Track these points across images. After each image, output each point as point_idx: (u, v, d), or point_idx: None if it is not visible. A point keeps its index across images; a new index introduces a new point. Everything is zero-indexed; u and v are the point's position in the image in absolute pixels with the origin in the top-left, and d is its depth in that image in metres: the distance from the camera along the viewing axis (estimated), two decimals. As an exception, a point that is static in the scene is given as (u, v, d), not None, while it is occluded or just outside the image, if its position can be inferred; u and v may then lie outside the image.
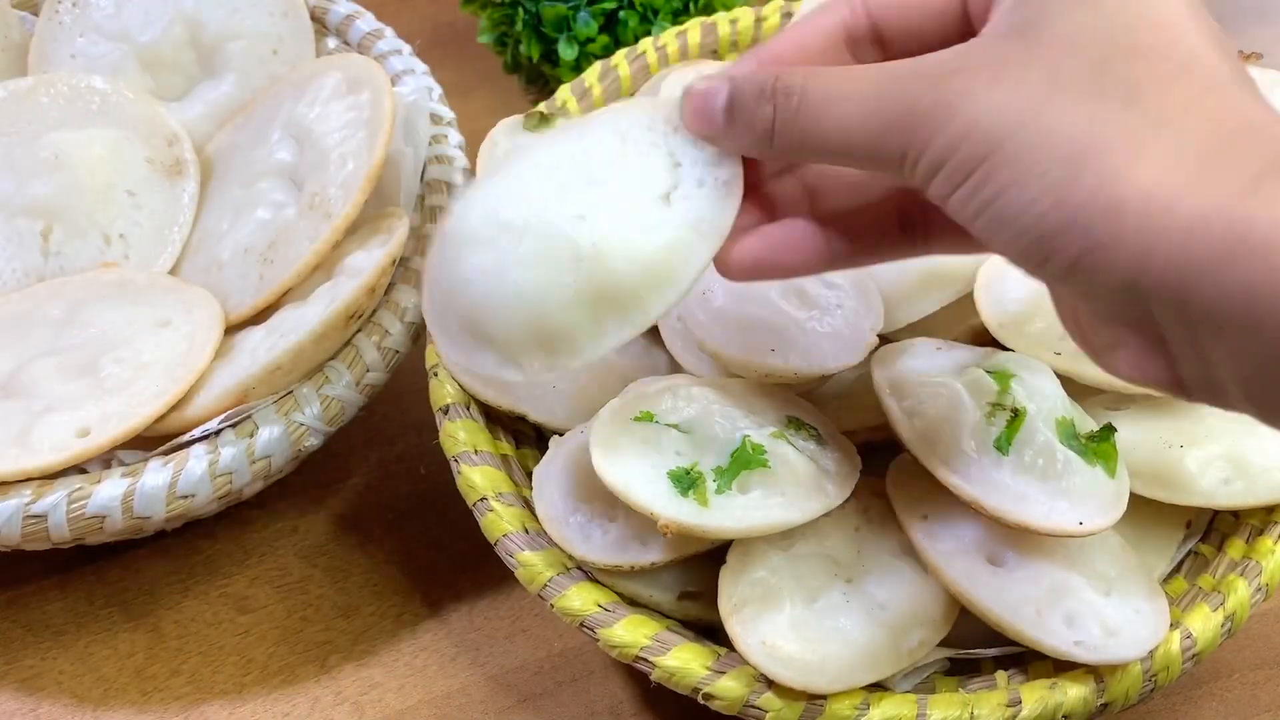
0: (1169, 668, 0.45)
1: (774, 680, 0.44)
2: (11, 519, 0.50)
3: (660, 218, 0.37)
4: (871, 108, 0.33)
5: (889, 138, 0.33)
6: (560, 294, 0.37)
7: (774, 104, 0.35)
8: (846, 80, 0.34)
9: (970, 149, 0.31)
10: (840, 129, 0.34)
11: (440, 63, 0.68)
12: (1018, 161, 0.31)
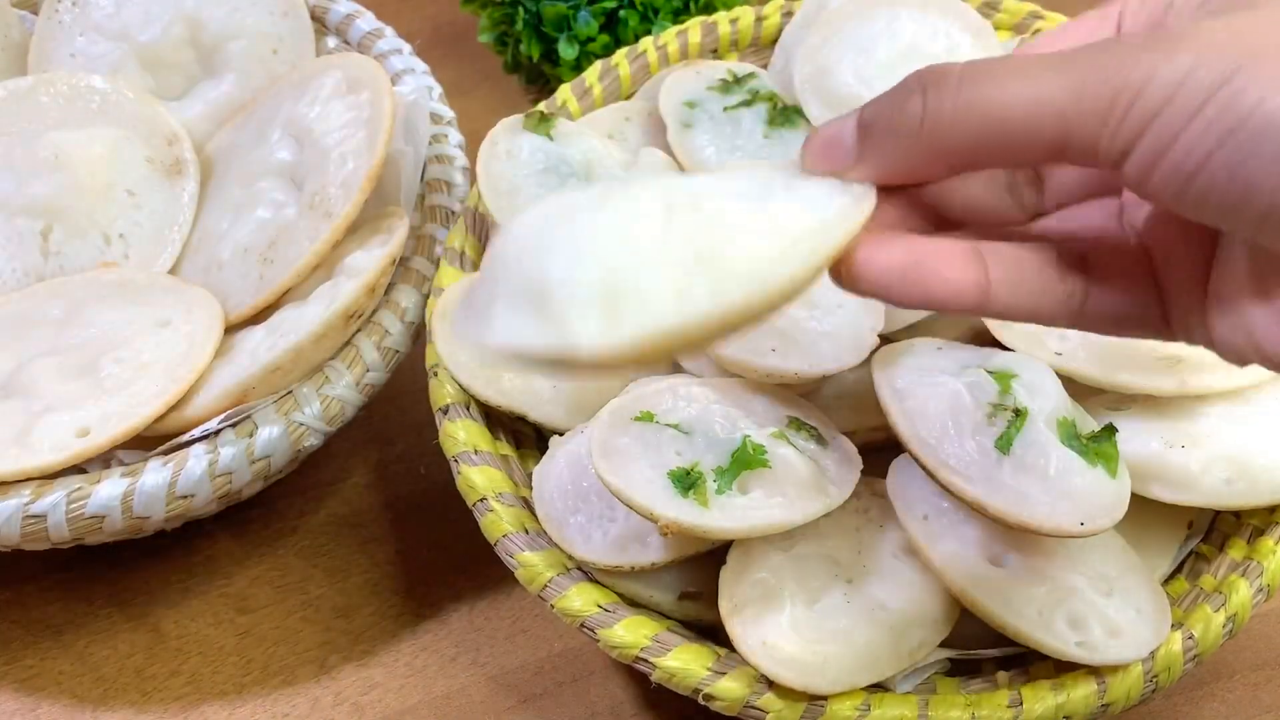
0: (1170, 668, 0.45)
1: (774, 681, 0.44)
2: (11, 519, 0.49)
3: (781, 204, 0.31)
4: (1065, 65, 0.28)
5: (1090, 87, 0.28)
6: (648, 248, 0.30)
7: (923, 93, 0.30)
8: (1023, 56, 0.30)
9: (1205, 73, 0.27)
10: (1022, 93, 0.28)
11: (440, 62, 0.68)
12: (1274, 70, 0.26)
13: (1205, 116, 0.27)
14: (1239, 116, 0.26)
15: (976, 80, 0.29)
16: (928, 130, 0.30)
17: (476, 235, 0.58)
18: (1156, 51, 0.27)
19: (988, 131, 0.29)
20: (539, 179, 0.57)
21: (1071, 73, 0.28)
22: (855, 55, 0.58)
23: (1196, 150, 0.27)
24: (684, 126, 0.59)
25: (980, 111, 0.29)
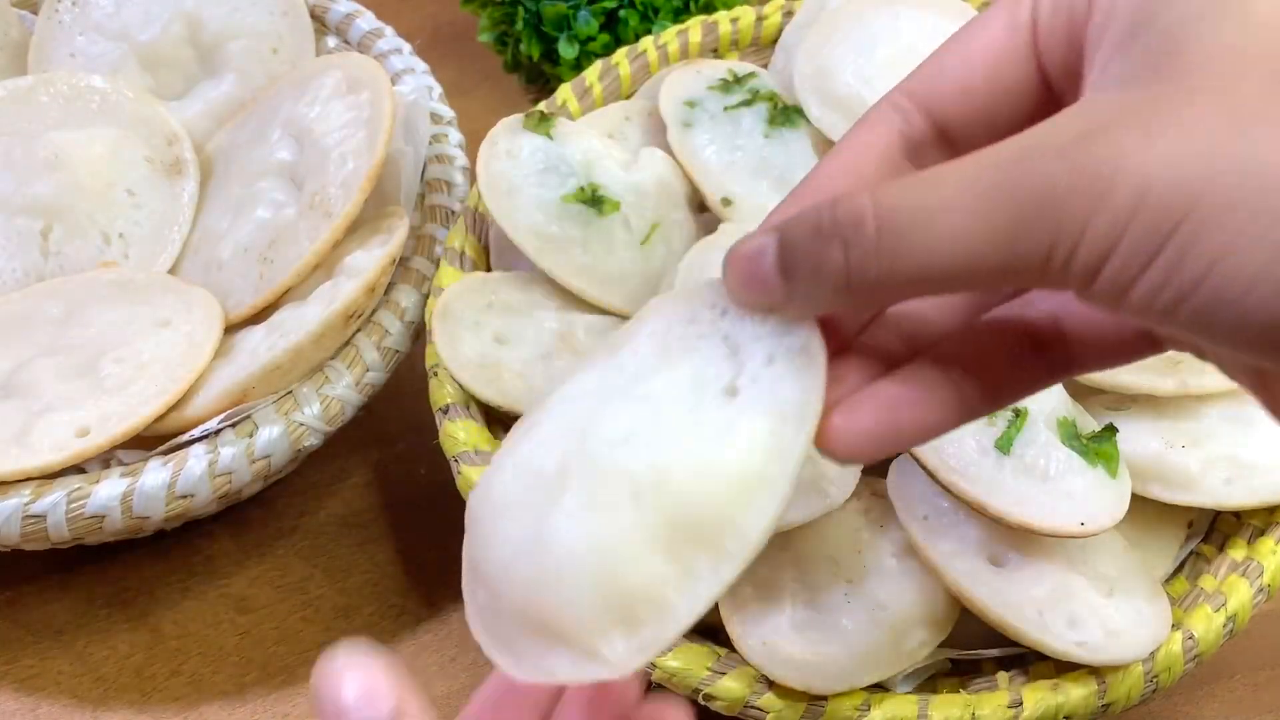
0: (1171, 668, 0.45)
1: (774, 681, 0.44)
2: (11, 519, 0.49)
3: (728, 415, 0.29)
4: (988, 206, 0.25)
5: (1023, 236, 0.24)
6: (625, 543, 0.28)
7: (841, 240, 0.26)
8: (936, 185, 0.26)
9: (1150, 219, 0.23)
10: (949, 246, 0.25)
11: (440, 62, 0.68)
12: (1228, 217, 0.23)
13: (1160, 269, 0.24)
14: (1191, 281, 0.23)
15: (896, 230, 0.26)
16: (855, 285, 0.27)
17: (476, 235, 0.58)
18: (1088, 197, 0.24)
19: (926, 279, 0.26)
20: (539, 179, 0.57)
21: (1001, 218, 0.25)
22: (856, 55, 0.58)
23: (1154, 307, 0.24)
24: (684, 126, 0.59)
25: (912, 263, 0.26)
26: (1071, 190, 0.24)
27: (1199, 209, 0.23)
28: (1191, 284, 0.23)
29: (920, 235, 0.25)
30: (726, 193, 0.57)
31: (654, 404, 0.29)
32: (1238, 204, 0.23)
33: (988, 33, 0.29)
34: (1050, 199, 0.24)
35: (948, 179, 0.26)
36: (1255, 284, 0.23)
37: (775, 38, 0.66)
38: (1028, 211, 0.24)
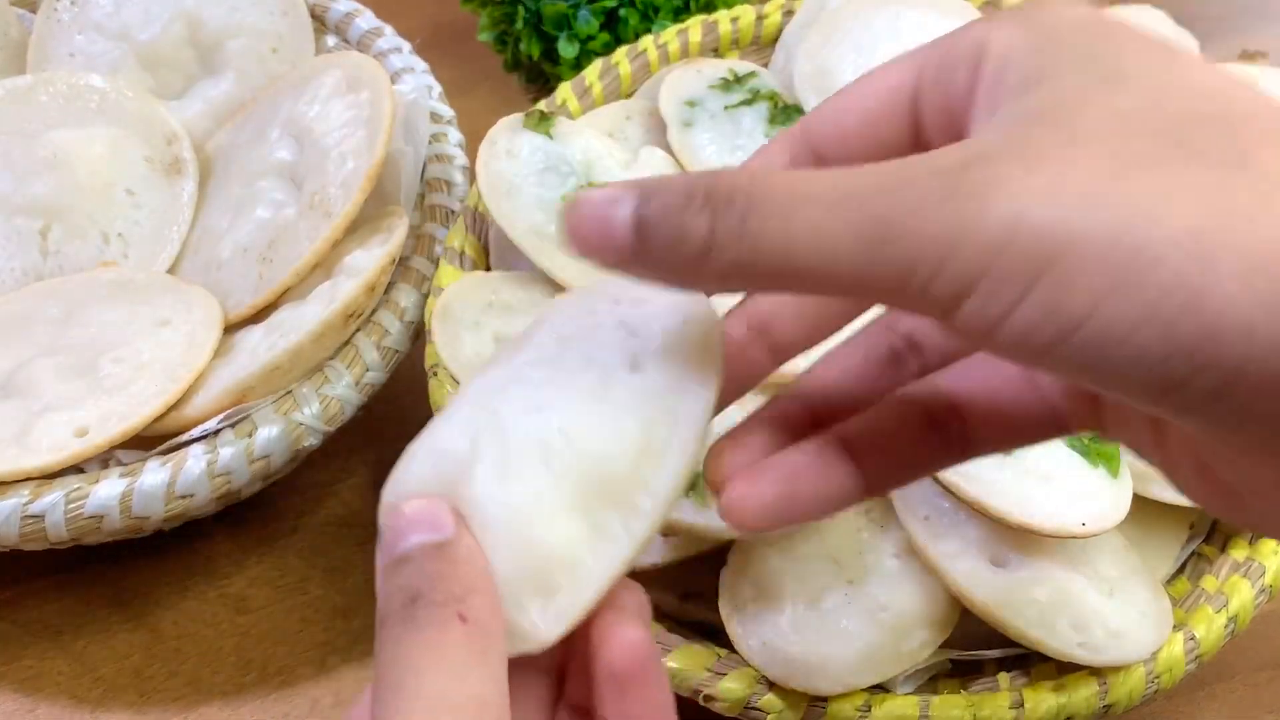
0: (1172, 669, 0.45)
1: (775, 682, 0.44)
2: (9, 519, 0.49)
3: (634, 382, 0.29)
4: (854, 208, 0.24)
5: (887, 247, 0.23)
6: (537, 506, 0.28)
7: (711, 210, 0.25)
8: (812, 179, 0.25)
9: (1019, 255, 0.22)
10: (811, 239, 0.24)
11: (440, 61, 0.68)
12: (1109, 257, 0.22)
13: (1030, 311, 0.22)
14: (1065, 327, 0.22)
15: (763, 213, 0.24)
16: (712, 263, 0.25)
17: (476, 234, 0.58)
18: (960, 214, 0.23)
19: (785, 270, 0.24)
20: (539, 178, 0.56)
21: (864, 223, 0.24)
22: (856, 54, 0.58)
23: (1024, 351, 0.23)
24: (684, 125, 0.59)
25: (775, 248, 0.24)
26: (940, 212, 0.23)
27: (1077, 246, 0.22)
28: (1072, 324, 0.22)
29: (784, 224, 0.24)
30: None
31: (561, 381, 0.30)
32: (1119, 245, 0.22)
33: (876, 85, 0.29)
34: (917, 216, 0.23)
35: (825, 176, 0.25)
36: (1141, 325, 0.22)
37: (776, 37, 0.66)
38: (892, 224, 0.23)
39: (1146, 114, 0.23)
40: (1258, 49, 0.58)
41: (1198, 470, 0.27)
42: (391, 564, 0.28)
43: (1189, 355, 0.21)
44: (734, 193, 0.25)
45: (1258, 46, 0.58)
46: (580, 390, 0.29)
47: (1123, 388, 0.23)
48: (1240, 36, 0.74)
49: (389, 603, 0.28)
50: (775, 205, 0.24)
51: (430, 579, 0.28)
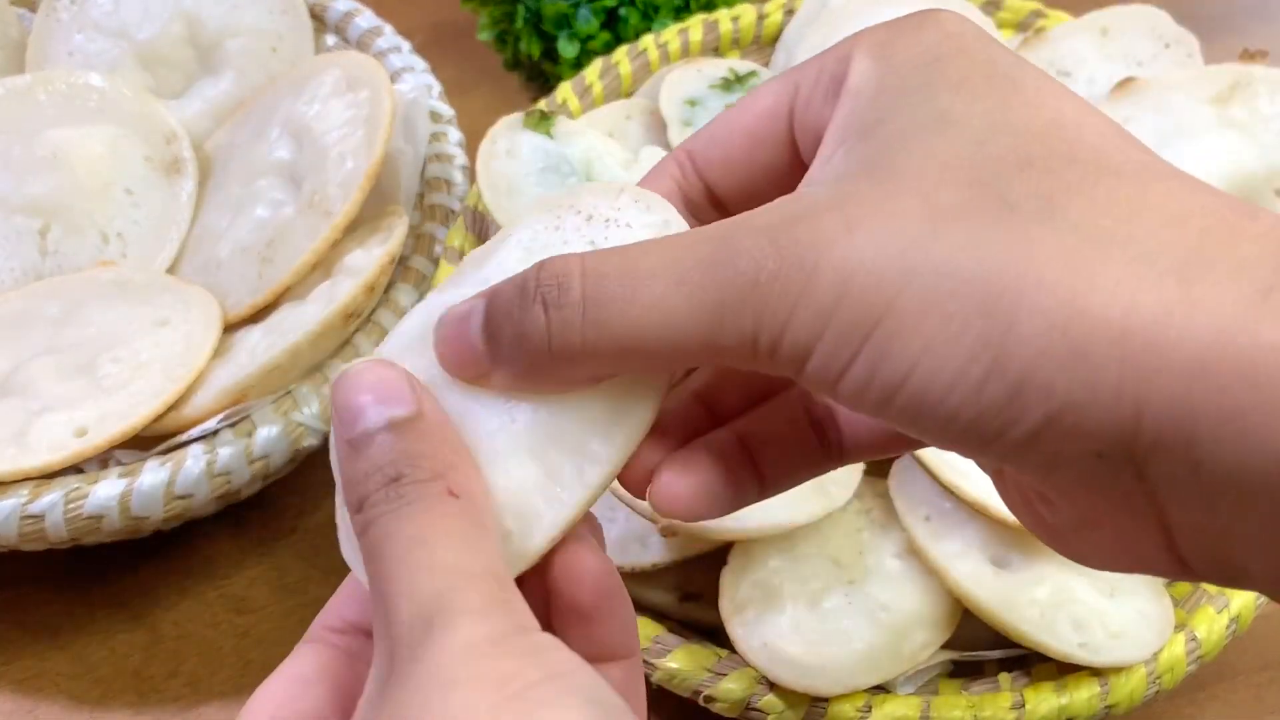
0: (1173, 670, 0.45)
1: (775, 682, 0.43)
2: (8, 519, 0.49)
3: None
4: (694, 282, 0.24)
5: (729, 318, 0.24)
6: (493, 442, 0.28)
7: (543, 301, 0.26)
8: (645, 253, 0.25)
9: (850, 314, 0.23)
10: (654, 318, 0.25)
11: (440, 60, 0.68)
12: (923, 319, 0.23)
13: (855, 377, 0.24)
14: (892, 382, 0.23)
15: (601, 302, 0.25)
16: (557, 354, 0.26)
17: (476, 234, 0.58)
18: (791, 284, 0.24)
19: (632, 350, 0.25)
20: (539, 178, 0.56)
21: (705, 298, 0.24)
22: (857, 53, 0.58)
23: (863, 404, 0.24)
24: (685, 125, 0.59)
25: (611, 340, 0.25)
26: (775, 276, 0.24)
27: (896, 308, 0.23)
28: (895, 383, 0.23)
29: (624, 305, 0.25)
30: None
31: None
32: (932, 305, 0.23)
33: (755, 107, 0.29)
34: (755, 284, 0.24)
35: (657, 249, 0.25)
36: (955, 385, 0.23)
37: (776, 36, 0.66)
38: (735, 293, 0.24)
39: (967, 161, 0.24)
40: (1258, 48, 0.58)
41: (1025, 503, 0.28)
42: (355, 442, 0.27)
43: (998, 413, 0.23)
44: (567, 277, 0.25)
45: (1258, 46, 0.58)
46: None
47: (946, 441, 0.24)
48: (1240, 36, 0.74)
49: (366, 484, 0.26)
50: (613, 286, 0.25)
51: (409, 457, 0.26)
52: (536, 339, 0.26)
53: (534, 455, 0.27)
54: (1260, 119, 0.55)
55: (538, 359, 0.26)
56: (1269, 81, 0.56)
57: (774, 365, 0.25)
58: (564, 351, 0.26)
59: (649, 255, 0.25)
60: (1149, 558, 0.24)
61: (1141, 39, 0.61)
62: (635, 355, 0.25)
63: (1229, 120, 0.55)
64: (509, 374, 0.27)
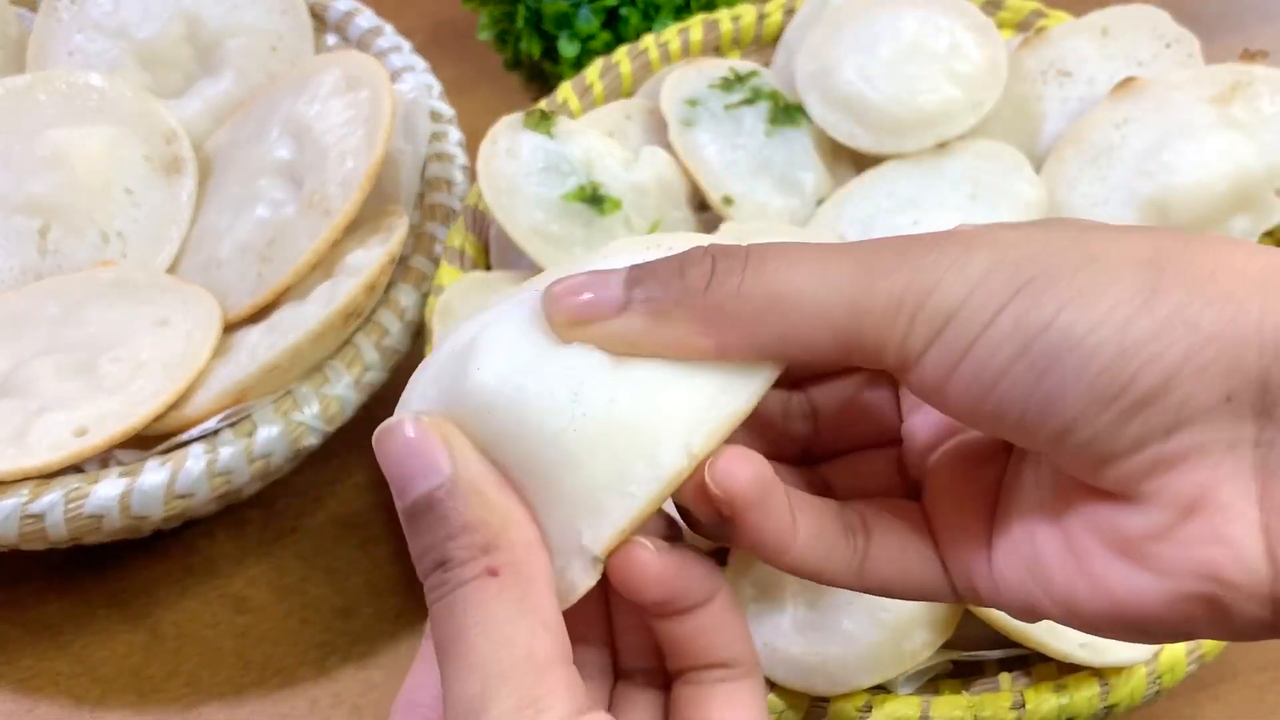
0: (1174, 670, 0.45)
1: (776, 682, 0.43)
2: (9, 519, 0.49)
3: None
4: (847, 264, 0.27)
5: (879, 281, 0.26)
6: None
7: (711, 263, 0.27)
8: (805, 245, 0.28)
9: (1004, 275, 0.26)
10: (812, 277, 0.27)
11: (440, 60, 0.68)
12: (1078, 273, 0.25)
13: (1000, 328, 0.25)
14: (1033, 331, 0.25)
15: (765, 258, 0.27)
16: (709, 299, 0.27)
17: (476, 234, 0.58)
18: (946, 254, 0.26)
19: (774, 313, 0.27)
20: (539, 177, 0.56)
21: (862, 265, 0.26)
22: (858, 53, 0.58)
23: (992, 363, 0.26)
24: (685, 125, 0.59)
25: (767, 289, 0.27)
26: (932, 247, 0.26)
27: (1049, 269, 0.25)
28: (1040, 325, 0.25)
29: (789, 264, 0.27)
30: (728, 191, 0.57)
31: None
32: (1086, 261, 0.25)
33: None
34: (912, 259, 0.26)
35: (812, 244, 0.28)
36: (1103, 322, 0.25)
37: (777, 36, 0.65)
38: (883, 260, 0.26)
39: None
40: (1259, 48, 0.58)
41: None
42: (406, 519, 0.28)
43: (1139, 349, 0.25)
44: (737, 248, 0.28)
45: (1259, 46, 0.58)
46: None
47: (1073, 385, 0.25)
48: (1241, 35, 0.74)
49: (422, 569, 0.28)
50: (781, 253, 0.27)
51: (450, 537, 0.27)
52: (695, 282, 0.27)
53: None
54: (1261, 119, 0.55)
55: (683, 304, 0.27)
56: (1270, 81, 0.56)
57: (911, 337, 0.26)
58: (716, 299, 0.27)
59: (814, 242, 0.28)
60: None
61: (1142, 39, 0.61)
62: (783, 313, 0.27)
63: (1230, 120, 0.55)
64: (639, 318, 0.28)
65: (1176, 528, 0.25)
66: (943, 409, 0.28)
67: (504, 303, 0.30)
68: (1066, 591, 0.28)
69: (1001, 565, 0.29)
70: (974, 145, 0.57)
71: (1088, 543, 0.27)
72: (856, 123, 0.58)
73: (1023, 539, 0.29)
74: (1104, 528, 0.27)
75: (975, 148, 0.57)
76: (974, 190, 0.56)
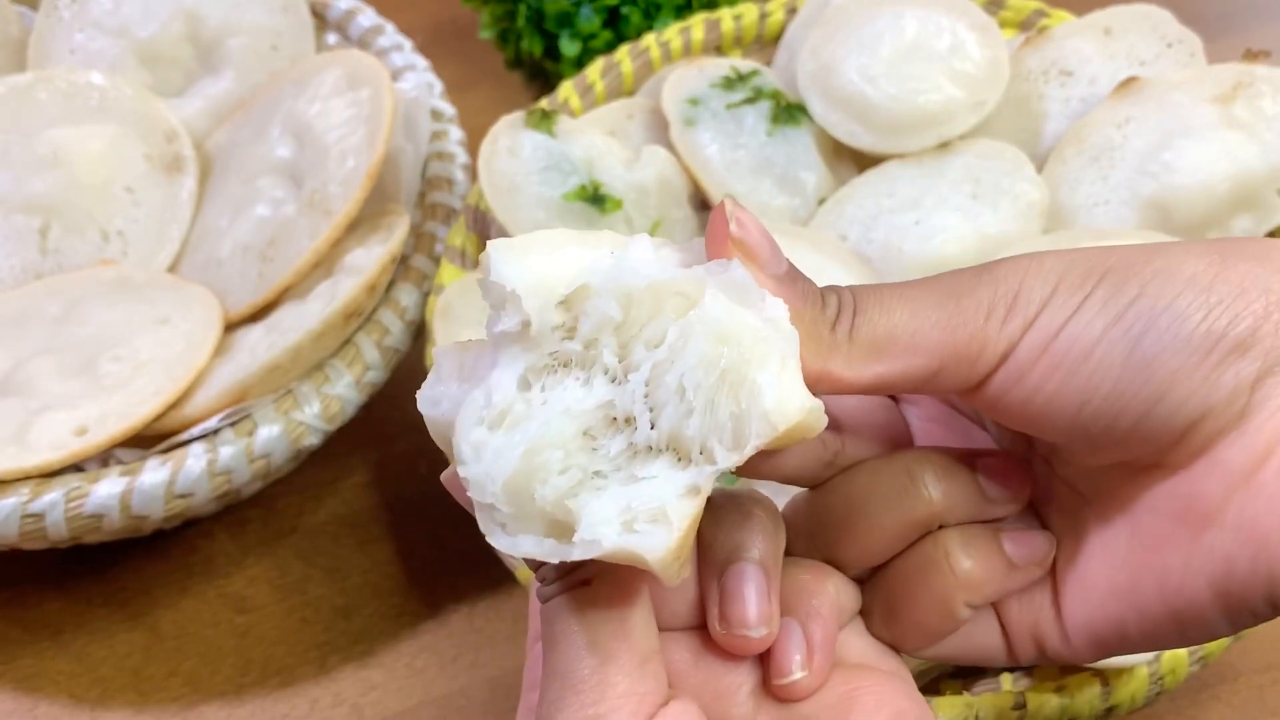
0: (1175, 671, 0.45)
1: (777, 683, 0.43)
2: (9, 518, 0.49)
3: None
4: (933, 293, 0.29)
5: (965, 299, 0.28)
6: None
7: (837, 303, 0.29)
8: (893, 286, 0.30)
9: (1080, 271, 0.28)
10: (905, 313, 0.29)
11: (441, 59, 0.68)
12: (1154, 257, 0.28)
13: (1091, 305, 0.28)
14: (1125, 300, 0.27)
15: (869, 305, 0.29)
16: (836, 337, 0.29)
17: (477, 233, 0.58)
18: (1018, 266, 0.29)
19: (876, 353, 0.29)
20: (541, 176, 0.56)
21: (945, 292, 0.29)
22: (859, 53, 0.58)
23: (1086, 335, 0.27)
24: (687, 124, 0.59)
25: (872, 333, 0.29)
26: (1011, 262, 0.29)
27: (1123, 260, 0.28)
28: (1125, 303, 0.27)
29: (884, 309, 0.29)
30: (729, 190, 0.57)
31: None
32: (1159, 252, 0.28)
33: None
34: (990, 274, 0.29)
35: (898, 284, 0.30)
36: (1185, 290, 0.27)
37: (778, 35, 0.65)
38: (964, 281, 0.29)
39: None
40: (1261, 48, 0.58)
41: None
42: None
43: (1224, 309, 0.27)
44: (843, 292, 0.30)
45: (1261, 46, 0.58)
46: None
47: (1165, 368, 0.27)
48: (1243, 36, 0.74)
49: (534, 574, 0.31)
50: (874, 296, 0.29)
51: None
52: (830, 318, 0.29)
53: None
54: (1263, 119, 0.55)
55: (813, 334, 0.29)
56: (1272, 81, 0.56)
57: (1005, 327, 0.28)
58: (839, 335, 0.29)
59: (892, 284, 0.30)
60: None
61: (1144, 38, 0.61)
62: (885, 352, 0.29)
63: (1231, 120, 0.55)
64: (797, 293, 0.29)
65: (1260, 469, 0.27)
66: (1026, 409, 0.29)
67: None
68: (1176, 587, 0.28)
69: (1077, 606, 0.30)
70: (975, 145, 0.57)
71: (1164, 527, 0.28)
72: (858, 122, 0.58)
73: (1099, 565, 0.30)
74: (1179, 500, 0.28)
75: (977, 147, 0.57)
76: (975, 190, 0.56)
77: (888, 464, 0.32)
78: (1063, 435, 0.29)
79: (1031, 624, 0.31)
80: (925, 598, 0.31)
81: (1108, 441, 0.28)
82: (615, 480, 0.27)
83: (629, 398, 0.27)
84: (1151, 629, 0.29)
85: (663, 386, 0.27)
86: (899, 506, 0.31)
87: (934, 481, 0.31)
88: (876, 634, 0.32)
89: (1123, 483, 0.29)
